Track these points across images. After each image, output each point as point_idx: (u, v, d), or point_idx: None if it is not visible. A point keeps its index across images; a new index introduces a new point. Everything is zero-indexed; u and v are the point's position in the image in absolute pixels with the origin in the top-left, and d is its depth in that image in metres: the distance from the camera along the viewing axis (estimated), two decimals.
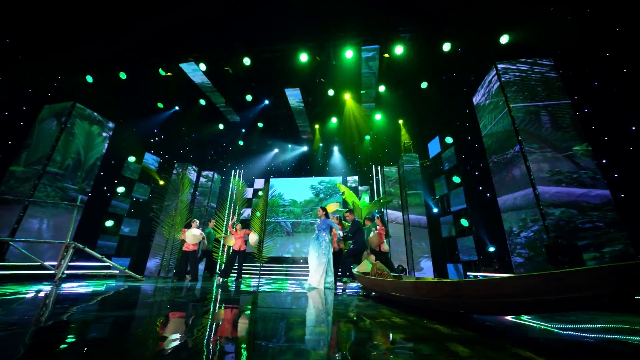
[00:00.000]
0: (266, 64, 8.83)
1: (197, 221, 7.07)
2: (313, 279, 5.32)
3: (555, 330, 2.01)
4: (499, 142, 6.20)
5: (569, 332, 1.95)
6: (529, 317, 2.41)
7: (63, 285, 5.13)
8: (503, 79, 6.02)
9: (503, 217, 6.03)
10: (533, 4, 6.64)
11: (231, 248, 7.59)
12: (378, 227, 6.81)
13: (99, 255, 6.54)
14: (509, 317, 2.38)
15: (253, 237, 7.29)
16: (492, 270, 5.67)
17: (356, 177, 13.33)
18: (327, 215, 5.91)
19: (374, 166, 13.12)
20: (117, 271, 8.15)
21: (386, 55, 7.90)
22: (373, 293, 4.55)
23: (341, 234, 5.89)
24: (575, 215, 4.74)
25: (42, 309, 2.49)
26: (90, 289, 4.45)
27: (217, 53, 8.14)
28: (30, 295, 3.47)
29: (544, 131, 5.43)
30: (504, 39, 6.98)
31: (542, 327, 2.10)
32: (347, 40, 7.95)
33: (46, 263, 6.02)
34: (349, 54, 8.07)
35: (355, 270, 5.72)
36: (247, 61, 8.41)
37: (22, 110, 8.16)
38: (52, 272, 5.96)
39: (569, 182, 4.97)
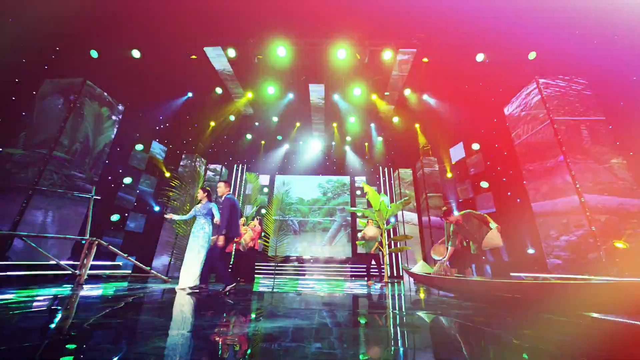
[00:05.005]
0: (298, 57, 8.51)
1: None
2: (186, 278, 4.13)
3: None
4: (536, 152, 6.63)
5: None
6: None
7: (89, 287, 4.49)
8: (545, 93, 6.44)
9: (538, 221, 6.46)
10: (561, 25, 7.19)
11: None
12: (257, 226, 6.93)
13: (124, 254, 5.82)
14: None
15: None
16: (532, 271, 6.05)
17: (364, 178, 13.40)
18: (209, 197, 4.57)
19: (381, 168, 13.36)
20: (129, 271, 7.35)
21: (425, 59, 8.05)
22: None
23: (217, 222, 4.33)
24: (618, 222, 5.23)
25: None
26: (143, 294, 3.90)
27: (255, 39, 7.67)
28: (79, 300, 2.96)
29: (585, 144, 5.92)
30: (534, 55, 7.46)
31: None
32: (385, 40, 7.97)
33: (62, 262, 5.21)
34: (387, 54, 8.08)
35: (414, 270, 5.75)
36: (281, 51, 8.04)
37: (14, 82, 6.95)
38: (69, 272, 5.17)
39: (610, 191, 5.47)
